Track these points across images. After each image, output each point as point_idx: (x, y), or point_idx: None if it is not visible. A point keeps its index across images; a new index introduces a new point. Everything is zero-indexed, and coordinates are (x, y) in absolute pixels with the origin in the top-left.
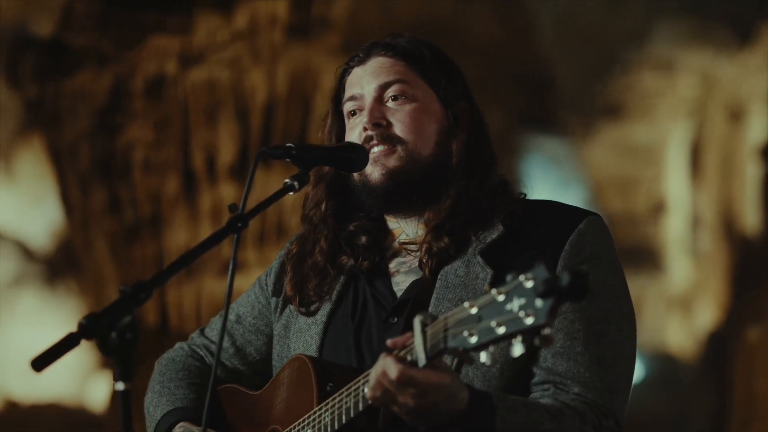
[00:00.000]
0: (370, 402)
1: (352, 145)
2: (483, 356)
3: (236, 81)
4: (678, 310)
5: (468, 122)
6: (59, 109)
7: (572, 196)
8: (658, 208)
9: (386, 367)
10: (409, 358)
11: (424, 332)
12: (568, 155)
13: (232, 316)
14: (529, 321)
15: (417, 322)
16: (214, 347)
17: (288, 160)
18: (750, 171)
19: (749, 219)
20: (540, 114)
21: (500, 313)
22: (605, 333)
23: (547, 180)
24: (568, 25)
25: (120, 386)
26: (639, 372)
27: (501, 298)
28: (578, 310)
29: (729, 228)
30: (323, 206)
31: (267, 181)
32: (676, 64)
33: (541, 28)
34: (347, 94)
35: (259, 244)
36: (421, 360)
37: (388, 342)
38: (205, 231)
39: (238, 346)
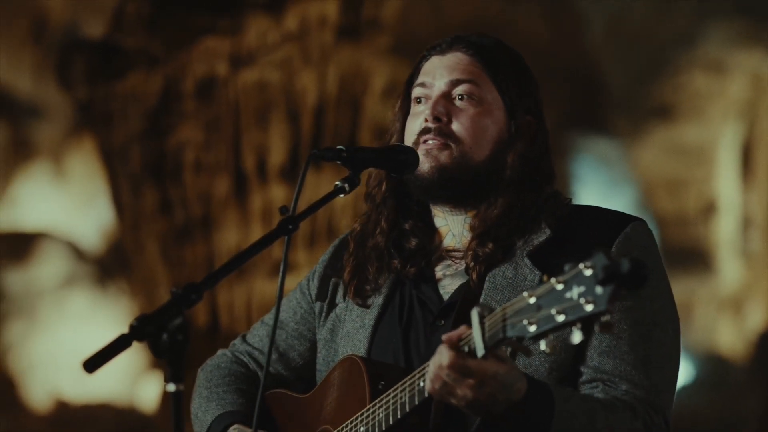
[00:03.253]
0: (427, 395)
1: (401, 147)
2: (542, 344)
3: (287, 82)
4: (729, 311)
5: (529, 137)
6: (110, 111)
7: (622, 197)
8: (708, 209)
9: (443, 357)
10: (466, 349)
11: (482, 323)
12: (618, 156)
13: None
14: (590, 308)
15: (474, 313)
16: (257, 353)
17: (338, 162)
18: None
19: None
20: (590, 114)
21: (560, 301)
22: (651, 334)
23: (597, 180)
24: (618, 26)
25: (171, 387)
26: (689, 373)
27: (560, 286)
28: (624, 311)
29: None
30: (383, 186)
31: (318, 183)
32: (727, 65)
33: (590, 28)
34: (419, 79)
35: (309, 245)
36: (480, 349)
37: (444, 336)
38: (256, 232)
39: (281, 351)
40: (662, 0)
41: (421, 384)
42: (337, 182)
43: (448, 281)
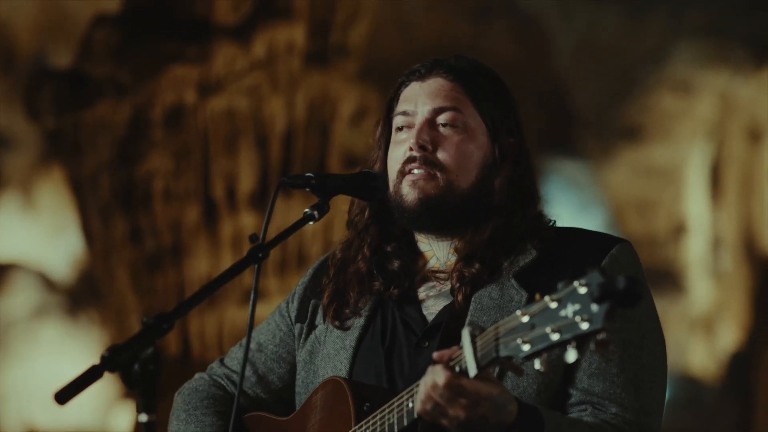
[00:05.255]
0: (417, 416)
1: (370, 173)
2: (537, 363)
3: (255, 109)
4: (700, 331)
5: (513, 158)
6: (79, 140)
7: (592, 219)
8: (678, 230)
9: (436, 377)
10: (457, 369)
11: (473, 342)
12: (587, 178)
13: (253, 345)
14: (585, 326)
15: (466, 332)
16: (235, 376)
17: (308, 189)
18: None
19: None
20: (559, 136)
21: (554, 320)
22: (640, 356)
23: (566, 203)
24: (587, 47)
25: (143, 418)
26: None
27: (554, 305)
28: (614, 333)
29: (750, 248)
30: (366, 213)
31: (288, 210)
32: (695, 85)
33: (559, 49)
34: (400, 107)
35: (280, 272)
36: (472, 369)
37: (435, 355)
38: (227, 260)
39: (260, 374)
40: (631, 20)
41: (410, 405)
42: (307, 210)
43: (432, 302)
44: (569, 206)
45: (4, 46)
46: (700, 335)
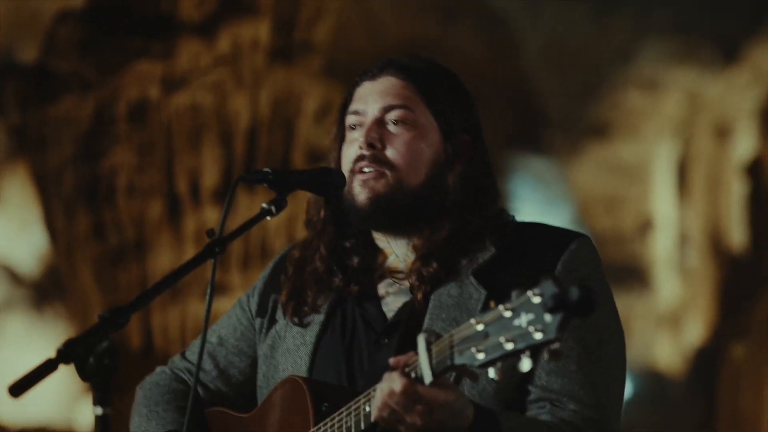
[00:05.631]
0: (374, 421)
1: (327, 169)
2: (491, 372)
3: (219, 105)
4: (666, 327)
5: (467, 156)
6: (43, 135)
7: (559, 216)
8: (645, 227)
9: (393, 383)
10: (413, 375)
11: (429, 349)
12: (554, 175)
13: (213, 339)
14: (539, 336)
15: (421, 339)
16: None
17: (265, 185)
18: (736, 188)
19: (736, 236)
20: (526, 134)
21: (508, 329)
22: (598, 352)
23: (534, 199)
24: (554, 45)
25: (98, 411)
26: (627, 389)
27: (508, 314)
28: (571, 329)
29: (716, 245)
30: (322, 213)
31: (252, 206)
32: (662, 83)
33: (527, 47)
34: (352, 107)
35: (243, 266)
36: (427, 377)
37: (391, 360)
38: (190, 255)
39: (221, 368)
40: (599, 18)
41: (367, 409)
42: (264, 204)
43: (392, 299)
44: (536, 203)
45: None
46: (666, 331)
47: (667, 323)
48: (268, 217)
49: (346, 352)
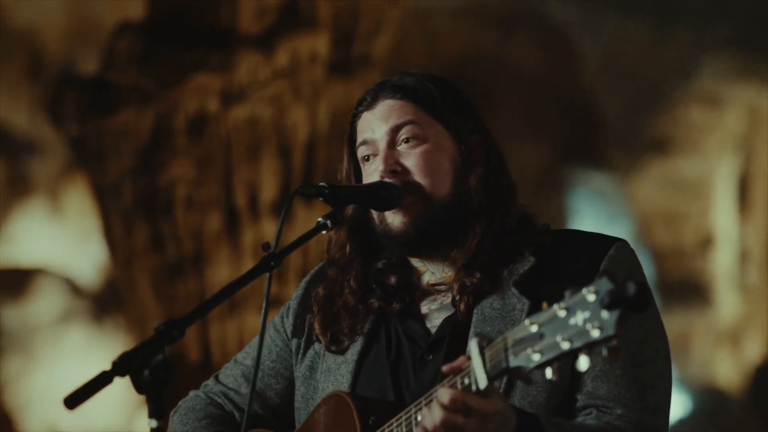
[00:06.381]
0: None
1: (383, 183)
2: (549, 373)
3: (278, 118)
4: (726, 344)
5: (482, 155)
6: (102, 147)
7: (619, 231)
8: (705, 242)
9: (442, 396)
10: (466, 381)
11: (482, 353)
12: (614, 189)
13: (248, 361)
14: (597, 333)
15: (474, 343)
16: (232, 393)
17: (321, 199)
18: None
19: None
20: (586, 148)
21: (564, 329)
22: (642, 355)
23: (593, 215)
24: (614, 58)
25: (153, 424)
26: (687, 405)
27: (563, 313)
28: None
29: None
30: (347, 249)
31: (309, 219)
32: (723, 98)
33: (586, 61)
34: (359, 139)
35: (301, 279)
36: (482, 381)
37: (444, 368)
38: (248, 268)
39: (257, 390)
40: (658, 33)
41: (419, 418)
42: (320, 219)
43: (435, 315)
44: (596, 218)
45: (32, 53)
46: (726, 348)
47: (727, 340)
48: (324, 231)
49: (391, 370)
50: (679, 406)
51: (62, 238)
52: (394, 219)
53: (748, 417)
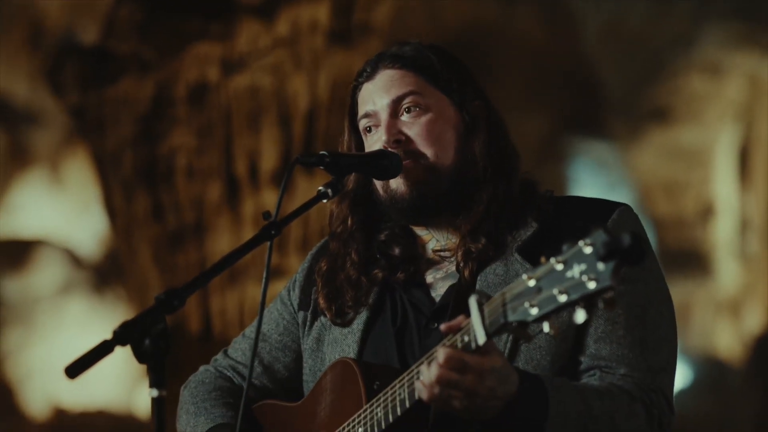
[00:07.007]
0: (427, 401)
1: (383, 152)
2: (546, 326)
3: (278, 87)
4: (727, 314)
5: (485, 120)
6: (102, 117)
7: (619, 200)
8: (706, 212)
9: (439, 354)
10: (466, 339)
11: (481, 310)
12: (615, 159)
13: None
14: (593, 285)
15: (473, 300)
16: (240, 367)
17: (322, 167)
18: None
19: None
20: (587, 118)
21: (561, 281)
22: (645, 316)
23: (594, 184)
24: (614, 28)
25: (154, 393)
26: (687, 376)
27: (560, 266)
28: (618, 295)
29: None
30: (349, 222)
31: (311, 188)
32: (724, 67)
33: (587, 30)
34: (361, 111)
35: (301, 249)
36: (481, 337)
37: (443, 327)
38: (248, 237)
39: (265, 364)
40: (659, 2)
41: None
42: (320, 187)
43: (440, 284)
44: (596, 187)
45: (32, 23)
46: (726, 318)
47: (727, 310)
48: (325, 200)
49: (396, 339)
50: (679, 376)
51: (62, 208)
52: (398, 186)
53: (748, 387)
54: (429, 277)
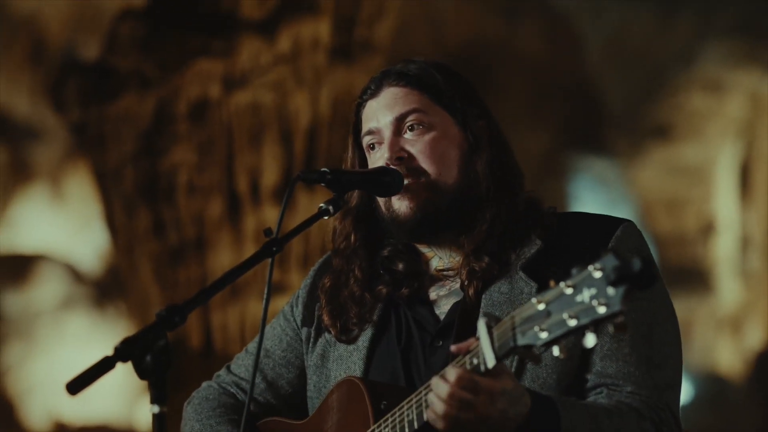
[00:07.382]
0: (441, 415)
1: (385, 169)
2: (555, 350)
3: (280, 104)
4: (727, 330)
5: (488, 140)
6: (103, 132)
7: (621, 216)
8: (707, 229)
9: (449, 375)
10: (475, 361)
11: (490, 333)
12: (616, 175)
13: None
14: (603, 310)
15: (482, 323)
16: (244, 383)
17: (323, 184)
18: None
19: None
20: (588, 134)
21: (571, 306)
22: (651, 334)
23: (595, 200)
24: (617, 45)
25: (155, 409)
26: (688, 392)
27: (569, 290)
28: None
29: None
30: (352, 238)
31: (312, 205)
32: (725, 84)
33: (588, 48)
34: (364, 128)
35: (303, 266)
36: (490, 360)
37: (452, 348)
38: (249, 254)
39: (269, 380)
40: (661, 19)
41: (429, 399)
42: (322, 204)
43: (443, 301)
44: (598, 204)
45: (34, 38)
46: (727, 334)
47: (728, 326)
48: (326, 217)
49: (402, 357)
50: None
51: (63, 223)
52: (400, 205)
53: (749, 403)
54: (432, 294)
